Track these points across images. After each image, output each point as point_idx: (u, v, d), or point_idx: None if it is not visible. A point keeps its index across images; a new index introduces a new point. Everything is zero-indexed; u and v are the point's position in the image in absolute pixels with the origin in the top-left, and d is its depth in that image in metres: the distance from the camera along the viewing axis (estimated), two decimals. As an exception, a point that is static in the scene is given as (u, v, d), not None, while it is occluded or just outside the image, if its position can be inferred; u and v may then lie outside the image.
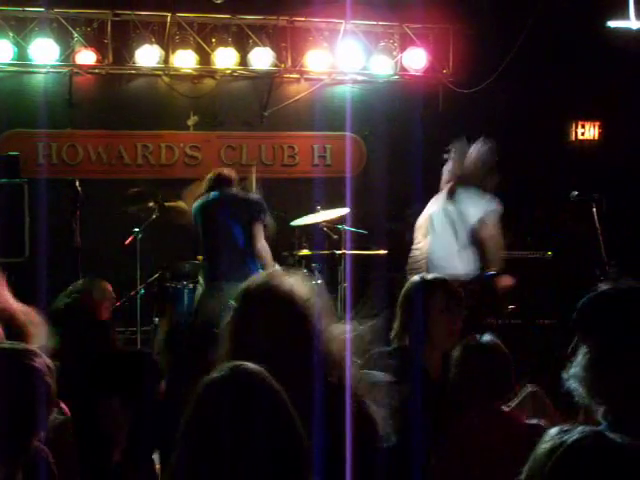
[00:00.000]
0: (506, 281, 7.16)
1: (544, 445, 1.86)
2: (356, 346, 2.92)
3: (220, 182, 7.58)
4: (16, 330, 3.42)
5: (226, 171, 7.75)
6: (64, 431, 3.16)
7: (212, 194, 7.56)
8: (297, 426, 2.18)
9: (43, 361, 2.73)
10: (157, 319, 8.52)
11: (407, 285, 4.31)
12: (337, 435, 2.73)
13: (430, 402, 3.62)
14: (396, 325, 4.18)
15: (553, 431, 1.88)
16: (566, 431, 1.85)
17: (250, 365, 2.23)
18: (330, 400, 2.71)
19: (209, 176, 7.71)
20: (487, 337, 3.76)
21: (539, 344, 8.06)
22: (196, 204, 7.58)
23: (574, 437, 1.82)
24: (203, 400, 2.18)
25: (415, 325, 4.06)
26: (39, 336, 3.40)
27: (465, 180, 7.23)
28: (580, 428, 1.84)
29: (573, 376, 2.56)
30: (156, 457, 4.26)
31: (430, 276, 4.44)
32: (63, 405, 3.34)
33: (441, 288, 4.24)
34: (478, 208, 7.11)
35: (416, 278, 4.35)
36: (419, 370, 3.85)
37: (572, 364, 2.58)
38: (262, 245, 7.43)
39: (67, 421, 3.27)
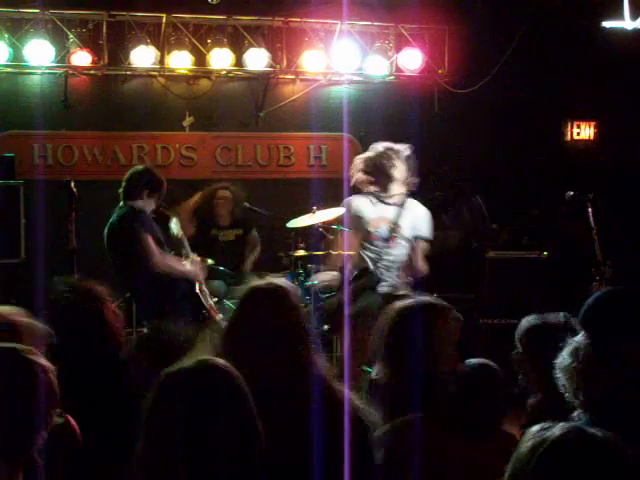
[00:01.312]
0: None
1: (526, 444, 1.87)
2: None
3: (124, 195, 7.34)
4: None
5: (133, 177, 7.45)
6: (60, 436, 3.15)
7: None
8: (257, 426, 2.19)
9: (44, 360, 2.74)
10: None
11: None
12: (333, 435, 2.80)
13: None
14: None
15: (534, 429, 1.89)
16: (547, 428, 1.87)
17: (218, 360, 2.25)
18: (324, 400, 2.82)
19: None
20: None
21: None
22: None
23: (556, 433, 1.83)
24: (164, 389, 2.19)
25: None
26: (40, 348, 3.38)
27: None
28: (561, 424, 1.86)
29: (558, 368, 2.60)
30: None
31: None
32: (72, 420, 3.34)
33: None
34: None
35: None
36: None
37: (562, 357, 2.61)
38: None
39: (64, 425, 3.25)
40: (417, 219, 7.10)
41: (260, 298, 3.19)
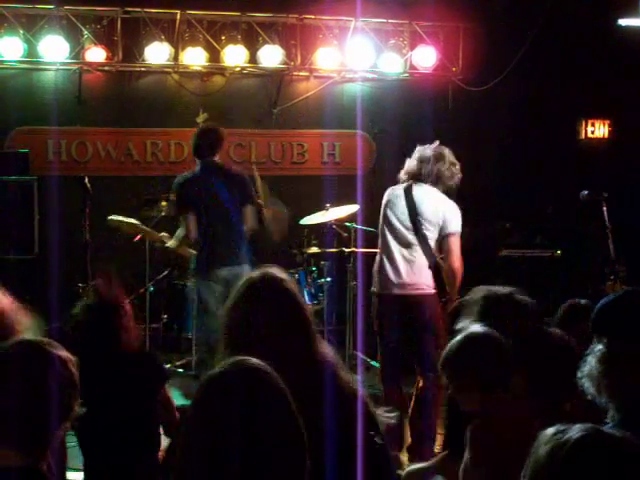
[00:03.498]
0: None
1: (544, 446, 1.86)
2: None
3: (205, 150, 7.24)
4: (4, 327, 3.39)
5: (211, 133, 7.40)
6: None
7: (200, 168, 7.24)
8: (299, 424, 2.18)
9: (65, 352, 2.74)
10: (166, 316, 8.55)
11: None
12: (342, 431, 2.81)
13: None
14: None
15: (550, 431, 1.89)
16: (563, 431, 1.86)
17: (254, 360, 2.24)
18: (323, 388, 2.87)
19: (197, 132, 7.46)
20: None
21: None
22: (181, 180, 7.24)
23: (576, 435, 1.83)
24: (207, 395, 2.18)
25: None
26: (27, 333, 3.37)
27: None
28: (578, 426, 1.85)
29: (585, 375, 2.59)
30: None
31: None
32: None
33: None
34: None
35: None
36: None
37: (585, 364, 2.60)
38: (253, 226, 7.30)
39: None
40: None
41: (256, 292, 3.13)
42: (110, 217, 8.04)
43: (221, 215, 7.08)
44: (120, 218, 8.07)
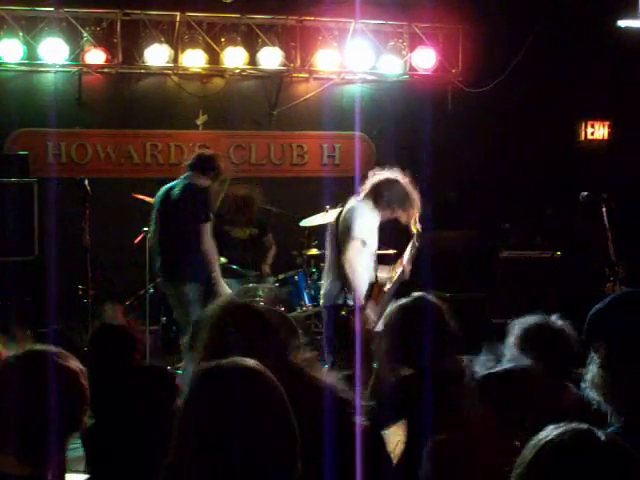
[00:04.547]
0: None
1: (532, 445, 1.88)
2: None
3: (192, 168, 7.43)
4: None
5: (206, 154, 7.65)
6: None
7: (175, 182, 7.44)
8: (293, 423, 2.18)
9: (76, 363, 2.73)
10: (165, 318, 8.55)
11: None
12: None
13: None
14: None
15: (549, 428, 1.90)
16: (552, 430, 1.88)
17: (249, 360, 2.24)
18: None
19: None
20: None
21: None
22: (160, 190, 7.51)
23: (557, 432, 1.85)
24: (200, 389, 2.18)
25: None
26: None
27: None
28: (569, 425, 1.86)
29: (589, 384, 2.59)
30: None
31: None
32: None
33: None
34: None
35: None
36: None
37: (587, 372, 2.61)
38: (209, 245, 7.16)
39: None
40: None
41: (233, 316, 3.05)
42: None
43: (170, 228, 7.26)
44: None
